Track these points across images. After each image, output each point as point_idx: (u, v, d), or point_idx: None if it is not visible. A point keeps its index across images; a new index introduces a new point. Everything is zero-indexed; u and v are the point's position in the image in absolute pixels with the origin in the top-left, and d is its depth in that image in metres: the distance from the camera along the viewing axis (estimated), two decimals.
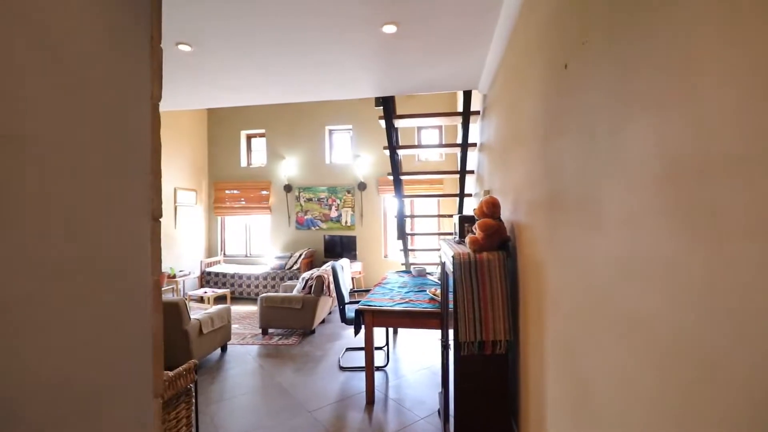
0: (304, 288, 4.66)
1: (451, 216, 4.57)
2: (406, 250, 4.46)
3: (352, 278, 6.32)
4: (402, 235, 4.25)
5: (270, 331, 4.69)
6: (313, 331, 4.65)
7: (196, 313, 4.72)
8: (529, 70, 1.48)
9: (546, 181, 1.25)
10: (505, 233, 1.82)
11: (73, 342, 0.63)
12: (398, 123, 3.38)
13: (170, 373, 1.46)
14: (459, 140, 3.44)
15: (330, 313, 5.37)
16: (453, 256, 1.74)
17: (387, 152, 3.49)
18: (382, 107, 3.09)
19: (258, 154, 7.76)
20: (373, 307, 2.89)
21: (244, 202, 7.47)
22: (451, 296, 2.27)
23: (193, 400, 2.16)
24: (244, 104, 3.23)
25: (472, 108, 3.17)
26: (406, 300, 3.05)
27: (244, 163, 7.63)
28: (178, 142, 6.77)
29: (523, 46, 1.62)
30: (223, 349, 4.10)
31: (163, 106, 3.15)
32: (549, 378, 1.28)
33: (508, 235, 1.86)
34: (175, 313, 3.36)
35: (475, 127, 3.45)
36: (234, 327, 4.99)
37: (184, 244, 6.91)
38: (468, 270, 1.73)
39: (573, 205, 0.99)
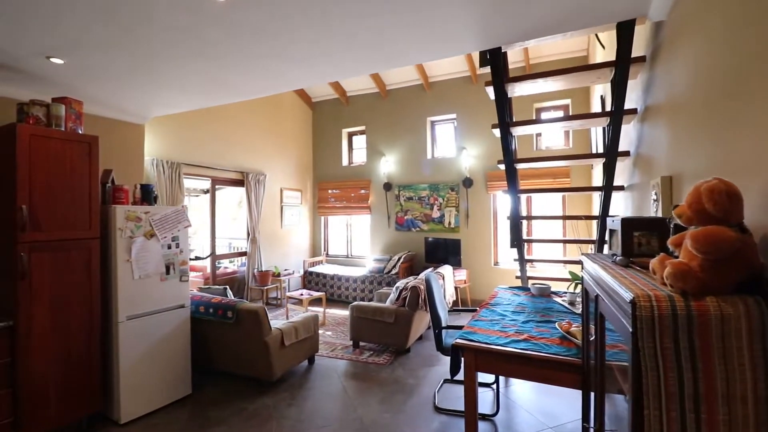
0: (397, 299, 4.06)
1: (583, 218, 3.43)
2: (522, 261, 3.48)
3: (456, 288, 5.50)
4: (517, 241, 3.31)
5: (361, 344, 4.21)
6: (407, 350, 4.02)
7: (288, 316, 4.51)
8: None
9: None
10: (755, 257, 0.86)
11: None
12: (512, 90, 2.49)
13: None
14: (594, 108, 2.37)
15: (429, 328, 4.67)
16: (635, 301, 0.86)
17: (497, 133, 2.63)
18: (489, 67, 2.25)
19: (359, 152, 7.51)
20: (476, 343, 2.09)
21: (345, 202, 7.29)
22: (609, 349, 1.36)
23: None
24: (308, 84, 2.73)
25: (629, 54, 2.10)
26: (525, 336, 2.16)
27: (345, 161, 7.46)
28: (283, 144, 6.90)
29: None
30: (311, 361, 3.76)
31: (192, 100, 2.81)
32: None
33: (761, 260, 0.89)
34: (254, 321, 3.08)
35: (633, 85, 2.34)
36: (327, 334, 4.69)
37: (290, 243, 7.03)
38: (671, 332, 0.84)
39: None
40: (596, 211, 4.80)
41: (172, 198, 4.72)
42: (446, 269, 4.99)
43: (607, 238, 2.94)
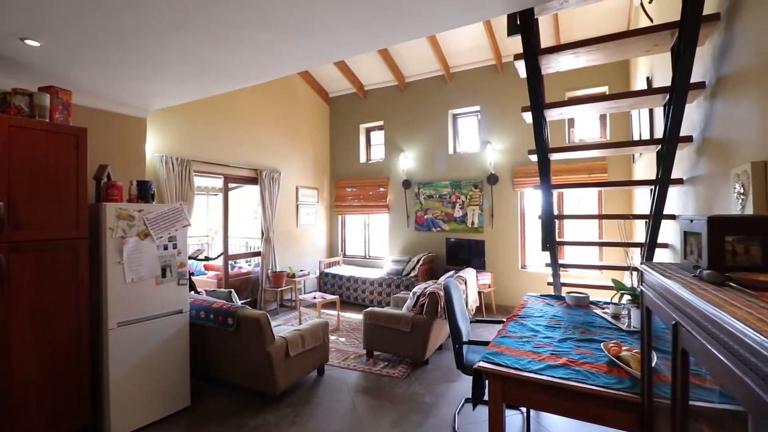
0: (415, 305, 3.72)
1: (630, 217, 2.99)
2: (555, 266, 3.07)
3: (479, 293, 5.11)
4: (550, 243, 2.91)
5: (375, 353, 3.90)
6: (425, 362, 3.67)
7: (301, 320, 4.20)
8: None
9: None
10: None
11: None
12: (547, 64, 2.10)
13: None
14: (641, 83, 1.95)
15: (449, 337, 4.30)
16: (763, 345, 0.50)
17: (528, 118, 2.25)
18: (519, 38, 1.88)
19: (377, 148, 7.21)
20: (503, 368, 1.73)
21: (363, 200, 7.01)
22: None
23: None
24: (309, 65, 2.43)
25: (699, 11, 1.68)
26: (563, 360, 1.78)
27: (363, 158, 7.17)
28: (299, 140, 6.69)
29: None
30: (320, 371, 3.48)
31: (188, 88, 2.44)
32: None
33: None
34: (255, 330, 2.82)
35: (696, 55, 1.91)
36: (340, 341, 4.41)
37: (306, 243, 6.81)
38: None
39: None
40: (640, 208, 4.30)
41: (183, 196, 4.56)
42: (469, 273, 4.61)
43: (672, 242, 2.49)
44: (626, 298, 2.48)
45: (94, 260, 2.50)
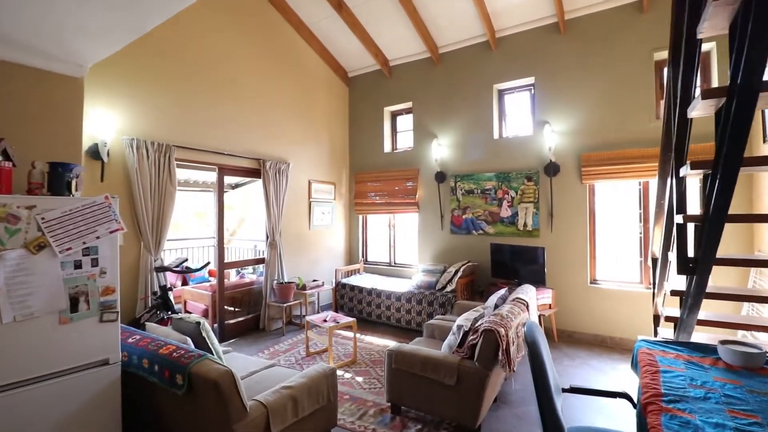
0: (461, 346, 2.59)
1: None
2: (699, 296, 1.88)
3: (540, 316, 3.90)
4: (706, 261, 1.74)
5: (404, 408, 2.80)
6: (477, 429, 2.53)
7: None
8: None
9: None
10: None
11: None
12: None
13: None
14: None
15: (506, 379, 3.15)
16: None
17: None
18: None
19: (404, 135, 6.09)
20: None
21: (387, 197, 5.91)
22: None
23: None
24: None
25: None
26: None
27: (388, 147, 6.08)
28: (313, 126, 5.67)
29: None
30: None
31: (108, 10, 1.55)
32: None
33: None
34: (215, 398, 1.78)
35: None
36: (356, 381, 3.33)
37: (320, 247, 5.79)
38: None
39: None
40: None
41: (160, 191, 3.62)
42: (529, 292, 3.41)
43: None
44: None
45: None
